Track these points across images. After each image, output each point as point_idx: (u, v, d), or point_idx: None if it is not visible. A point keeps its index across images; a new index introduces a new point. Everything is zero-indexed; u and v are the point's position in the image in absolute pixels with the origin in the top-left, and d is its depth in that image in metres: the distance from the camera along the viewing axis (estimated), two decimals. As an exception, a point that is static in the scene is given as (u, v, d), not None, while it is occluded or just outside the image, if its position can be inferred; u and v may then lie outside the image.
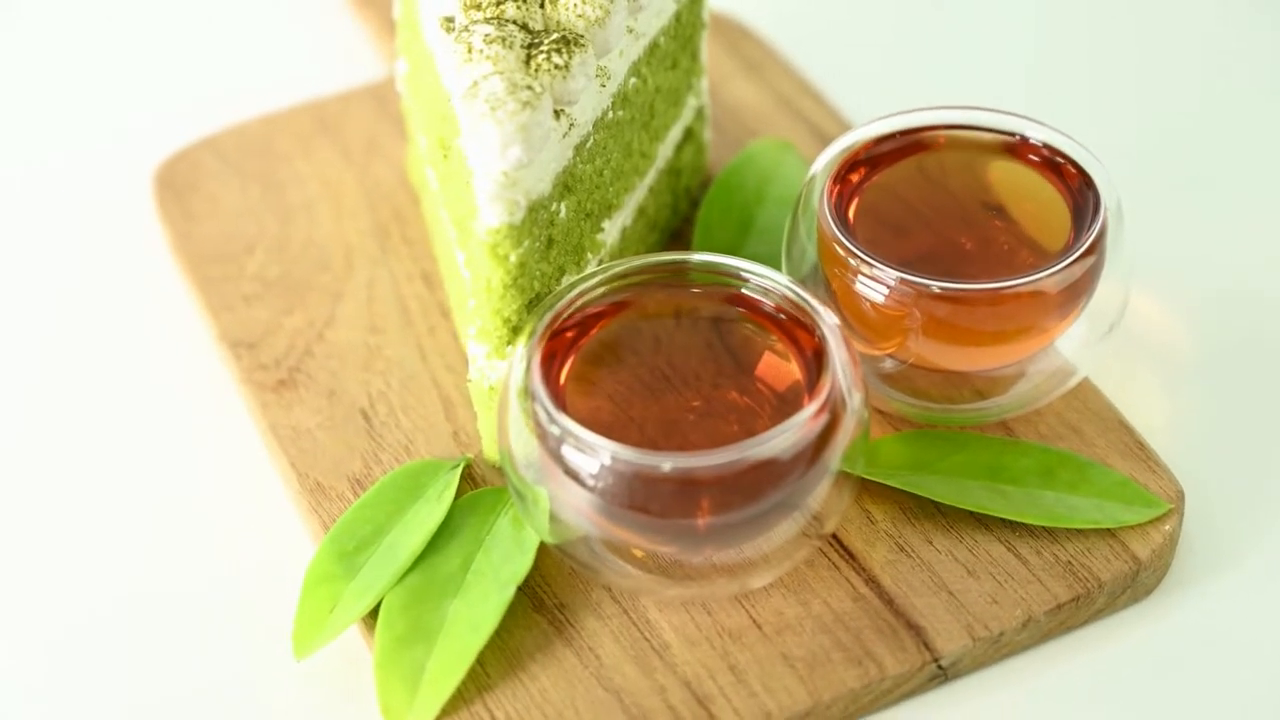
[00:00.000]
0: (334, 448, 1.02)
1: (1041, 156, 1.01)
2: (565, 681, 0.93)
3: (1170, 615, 0.98)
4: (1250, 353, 1.07)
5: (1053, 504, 0.98)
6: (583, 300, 0.95)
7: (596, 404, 0.94)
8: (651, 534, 0.93)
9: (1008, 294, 0.97)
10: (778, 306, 0.95)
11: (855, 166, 1.01)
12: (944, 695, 0.95)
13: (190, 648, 0.97)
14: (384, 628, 0.94)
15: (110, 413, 1.07)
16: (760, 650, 0.94)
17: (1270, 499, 1.01)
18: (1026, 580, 0.96)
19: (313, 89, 1.24)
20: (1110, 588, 0.96)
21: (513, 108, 0.91)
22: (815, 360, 0.92)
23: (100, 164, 1.21)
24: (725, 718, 0.92)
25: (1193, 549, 1.00)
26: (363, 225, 1.13)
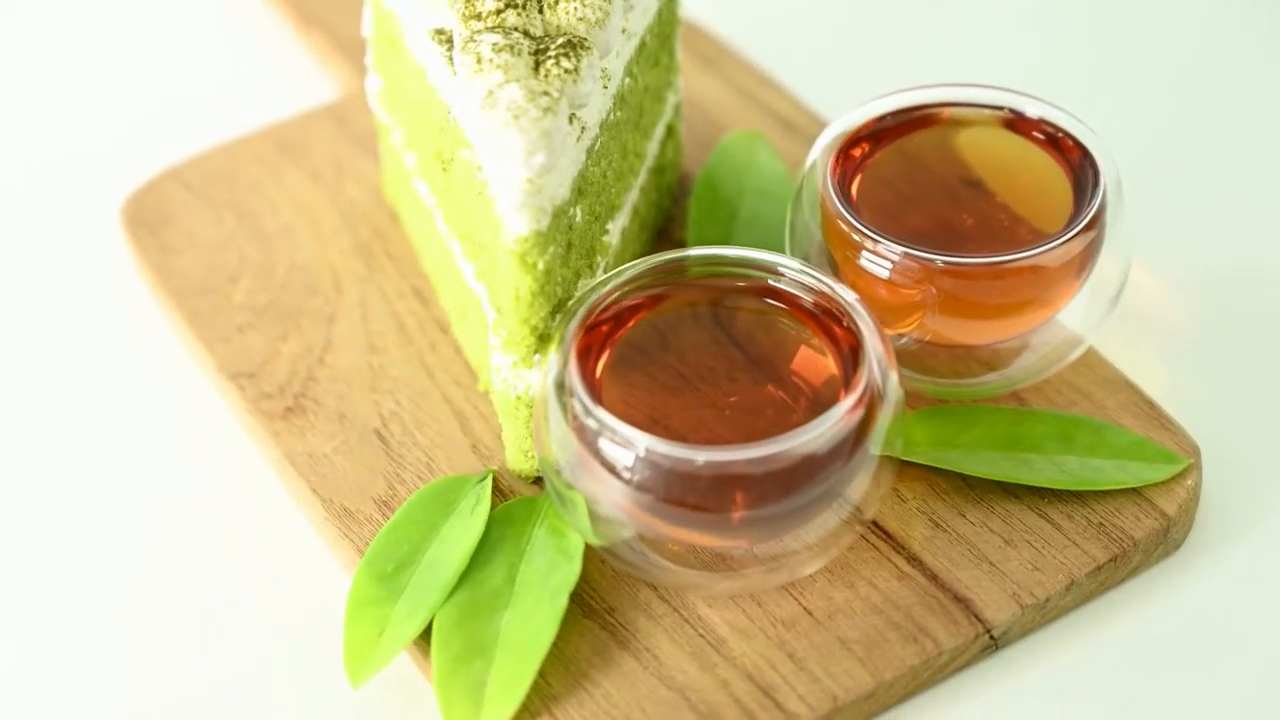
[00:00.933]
0: (354, 471, 1.01)
1: (1043, 133, 1.02)
2: (628, 684, 0.93)
3: (1201, 568, 0.99)
4: (1250, 321, 1.09)
5: (1078, 468, 0.99)
6: (617, 295, 0.95)
7: (633, 398, 0.94)
8: (692, 527, 0.93)
9: (1022, 266, 0.98)
10: (813, 300, 0.95)
11: (857, 143, 1.02)
12: (995, 665, 0.96)
13: (237, 691, 0.96)
14: (439, 647, 0.93)
15: (109, 458, 1.05)
16: (815, 636, 0.94)
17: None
18: (1063, 545, 0.97)
19: (264, 114, 1.22)
20: (1144, 545, 0.98)
21: (535, 114, 0.91)
22: (851, 354, 0.93)
23: (58, 207, 1.19)
24: (792, 705, 0.92)
25: (1212, 503, 1.02)
26: (344, 246, 1.12)
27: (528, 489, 1.00)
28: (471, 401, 1.04)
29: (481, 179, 0.95)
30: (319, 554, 1.01)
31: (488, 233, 0.97)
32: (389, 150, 1.12)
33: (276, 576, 1.00)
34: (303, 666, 0.96)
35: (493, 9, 0.95)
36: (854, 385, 0.91)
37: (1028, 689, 0.95)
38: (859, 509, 0.94)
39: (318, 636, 0.97)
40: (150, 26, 1.31)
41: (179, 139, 1.21)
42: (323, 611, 0.98)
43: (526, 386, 0.97)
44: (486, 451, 1.02)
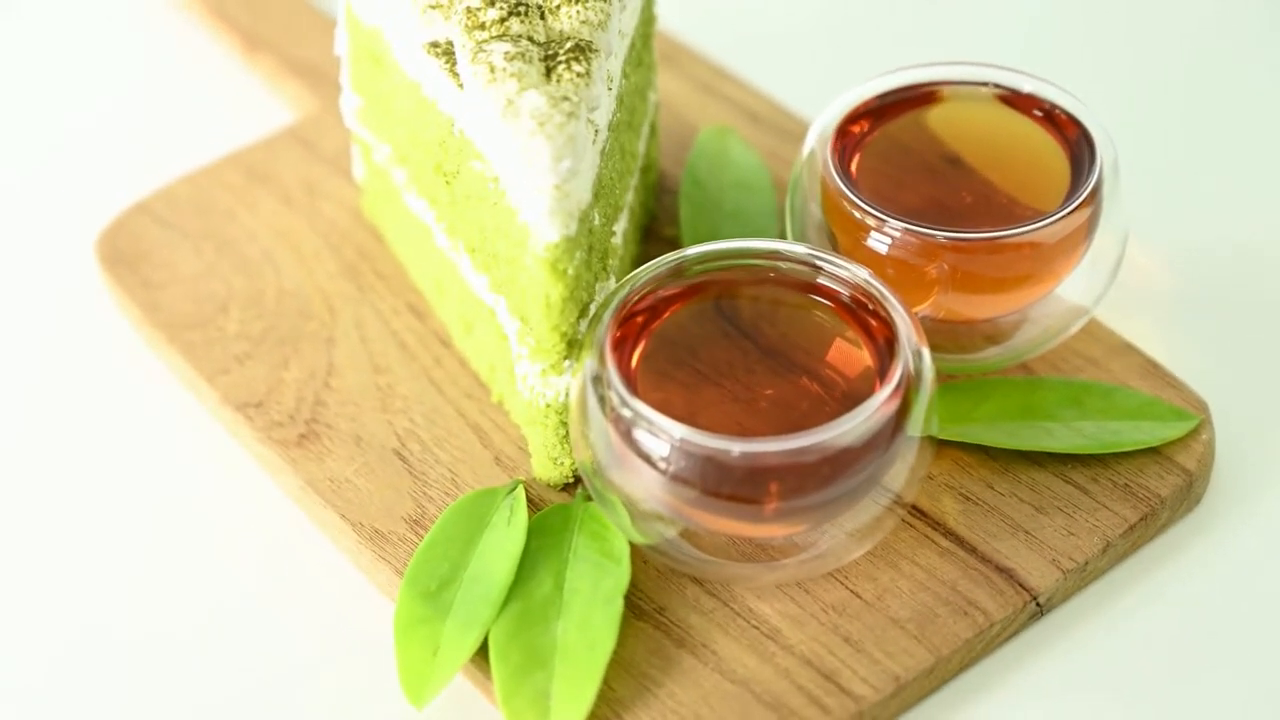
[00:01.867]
0: (379, 492, 1.00)
1: (1039, 109, 1.03)
2: (690, 682, 0.93)
3: (1222, 520, 1.01)
4: (1237, 285, 1.11)
5: (1096, 432, 1.01)
6: (651, 287, 0.95)
7: (668, 390, 0.94)
8: (730, 518, 0.93)
9: (1026, 241, 1.00)
10: (847, 292, 0.95)
11: (855, 122, 1.03)
12: (1040, 632, 0.97)
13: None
14: (499, 660, 0.93)
15: (112, 501, 1.03)
16: (868, 618, 0.95)
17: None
18: (1093, 508, 0.99)
19: (217, 143, 1.21)
20: (1170, 502, 1.00)
21: (559, 120, 0.91)
22: (887, 345, 0.93)
23: (23, 252, 1.16)
24: (856, 688, 0.92)
25: (1223, 458, 1.04)
26: (330, 268, 1.11)
27: (557, 496, 1.00)
28: (487, 414, 1.04)
29: (498, 189, 0.95)
30: (349, 578, 1.00)
31: (505, 243, 0.96)
32: (372, 168, 1.11)
33: (308, 606, 0.99)
34: (354, 692, 0.95)
35: (496, 18, 0.95)
36: (889, 376, 0.92)
37: (1074, 653, 0.96)
38: (900, 495, 0.95)
39: (363, 661, 0.96)
40: (87, 65, 1.29)
41: (136, 174, 1.19)
42: (364, 636, 0.97)
43: (556, 393, 0.97)
44: (510, 462, 1.02)
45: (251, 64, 1.25)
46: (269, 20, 1.26)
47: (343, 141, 1.17)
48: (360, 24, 1.06)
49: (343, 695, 0.95)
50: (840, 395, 0.94)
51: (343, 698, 0.95)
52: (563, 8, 0.96)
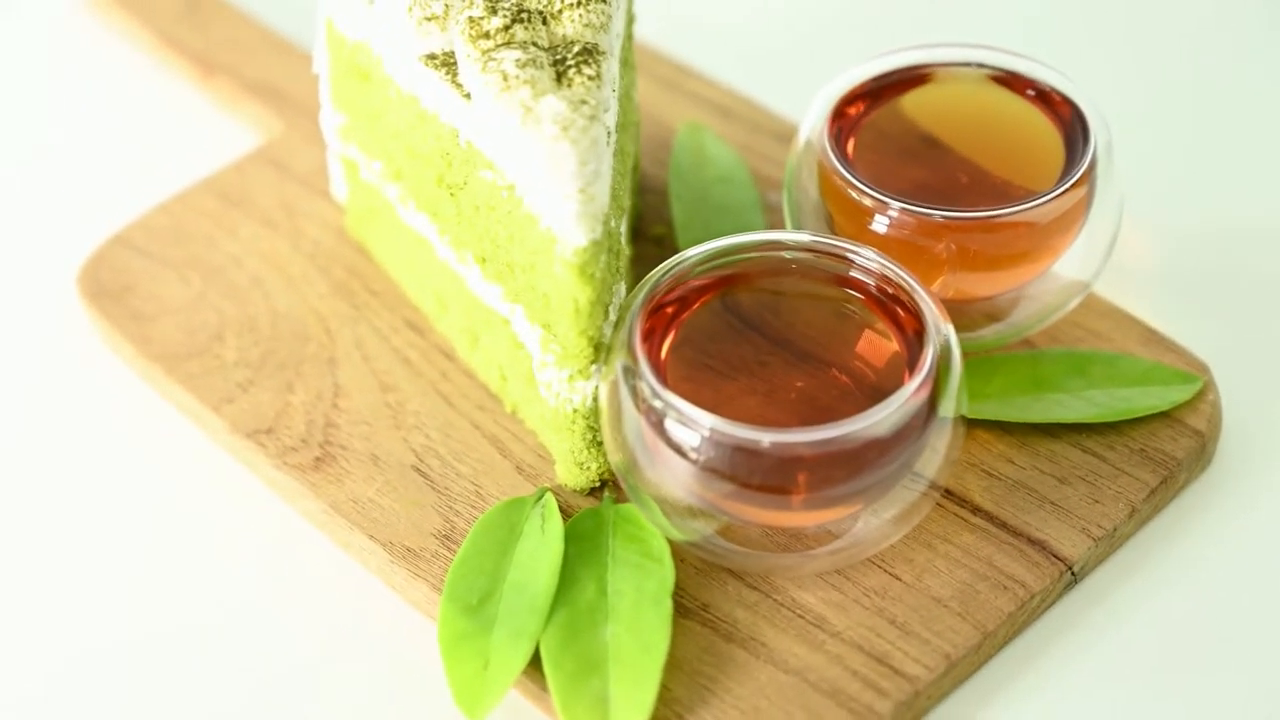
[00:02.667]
0: (405, 510, 1.00)
1: (1033, 89, 1.05)
2: (745, 676, 0.93)
3: (1235, 478, 1.03)
4: (1231, 263, 1.13)
5: (1106, 400, 1.02)
6: (680, 278, 0.95)
7: (698, 380, 0.94)
8: (767, 509, 0.93)
9: (1023, 221, 1.01)
10: (875, 283, 0.96)
11: (852, 103, 1.04)
12: (1074, 601, 0.98)
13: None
14: (553, 668, 0.92)
15: (124, 540, 1.02)
16: (910, 599, 0.96)
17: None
18: (1114, 475, 1.00)
19: (181, 169, 1.19)
20: (1186, 464, 1.01)
21: (582, 124, 0.91)
22: (916, 336, 0.94)
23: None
24: (909, 669, 0.93)
25: (1226, 416, 1.05)
26: (321, 289, 1.10)
27: (583, 502, 1.00)
28: (502, 424, 1.03)
29: (513, 197, 0.94)
30: (380, 599, 0.99)
31: (521, 252, 0.96)
32: (358, 186, 1.10)
33: (341, 631, 0.98)
34: (404, 713, 0.94)
35: (500, 26, 0.95)
36: (919, 365, 0.92)
37: (1110, 619, 0.97)
38: (935, 479, 0.95)
39: (409, 680, 0.96)
40: (35, 101, 1.26)
41: (103, 207, 1.17)
42: (405, 655, 0.97)
43: (583, 398, 0.96)
44: (531, 471, 1.01)
45: (207, 89, 1.23)
46: (221, 44, 1.24)
47: (315, 161, 1.16)
48: (344, 39, 1.05)
49: (393, 717, 0.94)
50: (871, 385, 0.95)
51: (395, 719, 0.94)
52: (564, 12, 0.96)
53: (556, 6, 0.96)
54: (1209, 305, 1.10)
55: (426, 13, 0.98)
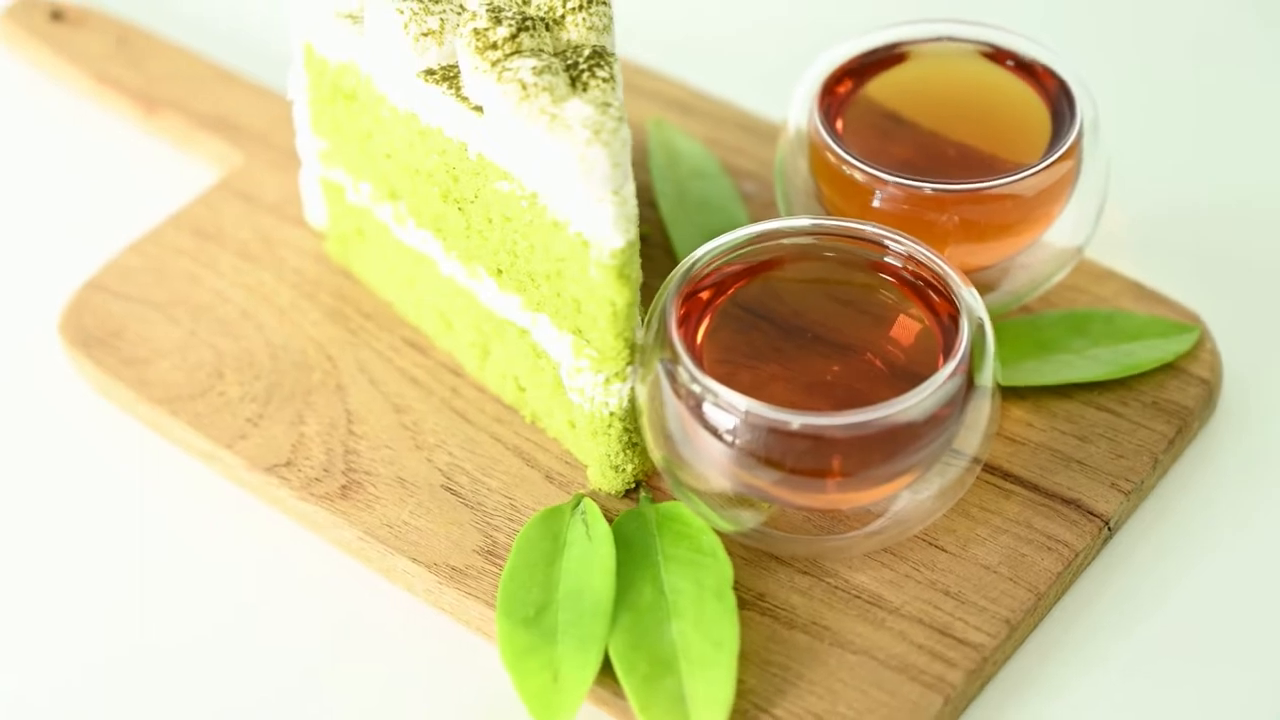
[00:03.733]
0: (442, 529, 0.99)
1: (1018, 63, 1.06)
2: (814, 661, 0.94)
3: (1239, 422, 1.06)
4: (1212, 216, 1.16)
5: (1111, 356, 1.04)
6: (715, 264, 0.96)
7: (733, 365, 0.94)
8: (811, 492, 0.94)
9: (1013, 191, 1.02)
10: (907, 267, 0.96)
11: (840, 80, 1.05)
12: (1110, 556, 1.00)
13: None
14: (626, 672, 0.92)
15: (155, 589, 1.00)
16: (960, 570, 0.97)
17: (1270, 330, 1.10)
18: (1132, 429, 1.02)
19: (139, 208, 1.17)
20: (1198, 412, 1.04)
21: (612, 126, 0.91)
22: (952, 321, 0.95)
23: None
24: (972, 637, 0.94)
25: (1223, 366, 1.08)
26: (314, 316, 1.09)
27: (618, 504, 1.00)
28: (522, 435, 1.03)
29: (536, 206, 0.94)
30: (427, 620, 0.98)
31: (545, 260, 0.95)
32: (342, 209, 1.09)
33: (390, 659, 0.97)
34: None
35: (506, 35, 0.94)
36: (955, 349, 0.93)
37: (1145, 569, 0.99)
38: (977, 453, 0.96)
39: (471, 700, 0.95)
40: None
41: (66, 254, 1.15)
42: (463, 676, 0.96)
43: (619, 401, 0.96)
44: (561, 479, 1.01)
45: (152, 126, 1.21)
46: (160, 79, 1.22)
47: (282, 189, 1.15)
48: (326, 62, 1.04)
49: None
50: (908, 368, 0.95)
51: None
52: (567, 17, 0.96)
53: (559, 12, 0.96)
54: (1189, 257, 1.13)
55: (423, 28, 0.97)
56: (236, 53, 1.26)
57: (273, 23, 1.27)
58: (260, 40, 1.27)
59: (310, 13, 1.03)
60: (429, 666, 0.96)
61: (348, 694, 0.95)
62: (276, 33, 1.26)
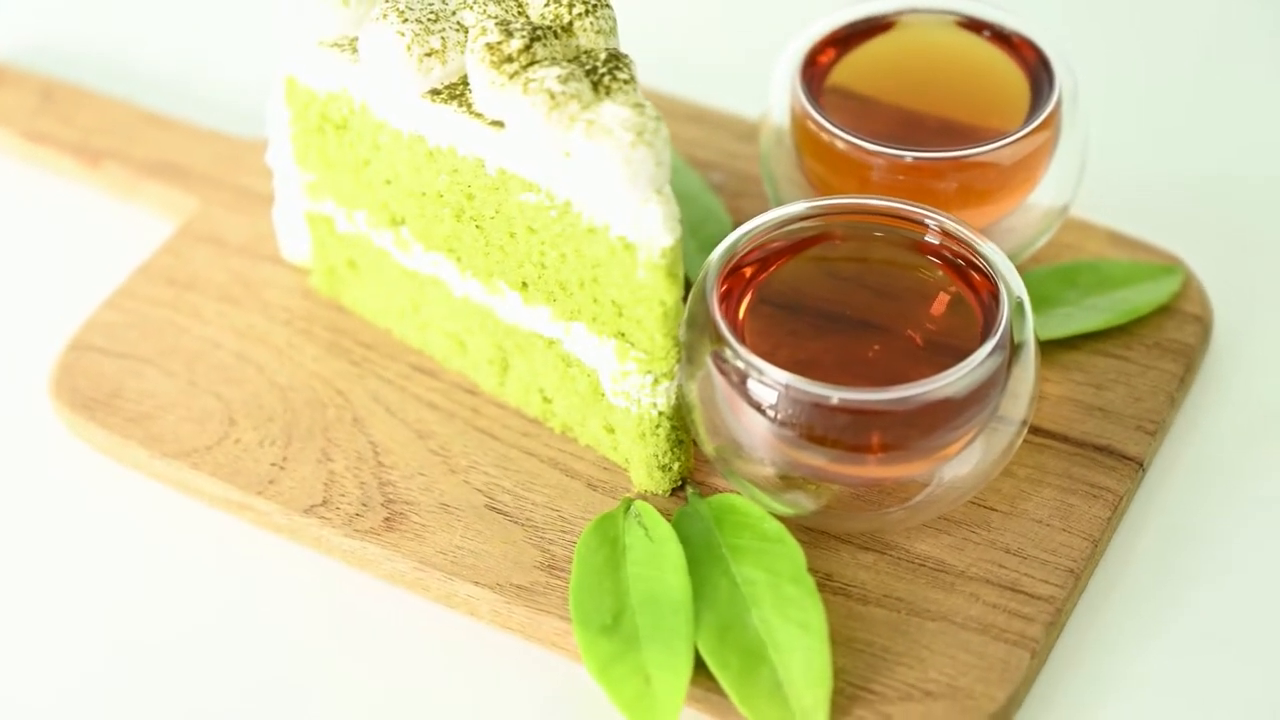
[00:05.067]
0: (498, 549, 0.98)
1: (994, 33, 1.08)
2: (896, 633, 0.95)
3: (1232, 354, 1.09)
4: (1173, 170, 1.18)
5: (1109, 304, 1.07)
6: (758, 241, 0.96)
7: (774, 341, 0.95)
8: (871, 467, 0.95)
9: (996, 160, 1.04)
10: (948, 247, 0.97)
11: (823, 51, 1.06)
12: (1142, 497, 1.03)
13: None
14: (720, 668, 0.93)
15: (227, 659, 0.98)
16: (1014, 526, 0.99)
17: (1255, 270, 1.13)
18: (1141, 372, 1.05)
19: (94, 265, 1.14)
20: (1199, 346, 1.07)
21: (653, 126, 0.91)
22: (992, 299, 0.96)
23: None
24: (1040, 590, 0.96)
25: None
26: (313, 352, 1.07)
27: (665, 504, 1.00)
28: (553, 446, 1.02)
29: (569, 214, 0.94)
30: (492, 643, 0.97)
31: (580, 267, 0.95)
32: (333, 241, 1.07)
33: (468, 685, 0.96)
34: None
35: (520, 47, 0.94)
36: (994, 328, 0.94)
37: (1176, 505, 1.02)
38: (1024, 419, 0.97)
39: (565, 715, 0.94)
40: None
41: (35, 318, 1.12)
42: (544, 693, 0.95)
43: (668, 400, 0.96)
44: (603, 485, 1.01)
45: (95, 179, 1.18)
46: (95, 131, 1.19)
47: (247, 228, 1.13)
48: (313, 93, 1.02)
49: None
50: (950, 344, 0.96)
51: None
52: (575, 23, 0.96)
53: (565, 19, 0.96)
54: (1158, 201, 1.16)
55: (425, 49, 0.96)
56: (165, 98, 1.23)
57: (196, 63, 1.25)
58: (187, 83, 1.25)
59: (292, 45, 1.01)
60: (508, 688, 0.96)
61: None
62: (202, 73, 1.24)
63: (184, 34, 1.30)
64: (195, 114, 1.22)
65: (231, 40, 1.29)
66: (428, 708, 0.95)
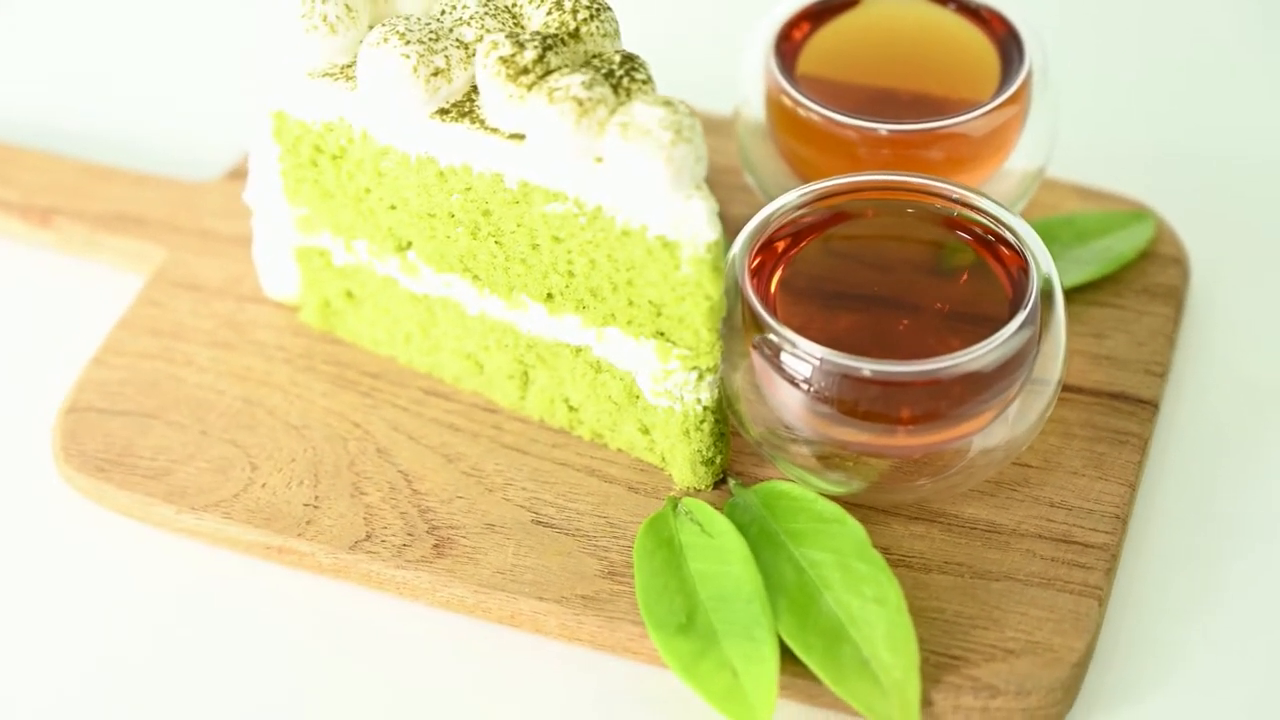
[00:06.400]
0: (555, 563, 0.98)
1: (961, 5, 1.10)
2: (965, 597, 0.96)
3: (1210, 293, 1.12)
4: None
5: (1091, 257, 1.09)
6: (791, 216, 0.97)
7: (806, 315, 0.96)
8: (921, 436, 0.96)
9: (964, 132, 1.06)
10: (978, 223, 0.98)
11: (798, 24, 1.07)
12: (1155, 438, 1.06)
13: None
14: (806, 653, 0.93)
15: (294, 708, 0.96)
16: (1053, 480, 1.00)
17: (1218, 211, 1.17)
18: (1137, 318, 1.08)
19: (57, 326, 1.12)
20: (1183, 286, 1.10)
21: (689, 122, 0.91)
22: (1021, 274, 0.97)
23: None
24: (1094, 539, 0.98)
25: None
26: (320, 388, 1.06)
27: (710, 497, 1.00)
28: (584, 454, 1.02)
29: (602, 218, 0.94)
30: (561, 655, 0.97)
31: (613, 271, 0.95)
32: (327, 274, 1.06)
33: (552, 702, 0.96)
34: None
35: (534, 58, 0.94)
36: (1024, 300, 0.95)
37: (1180, 441, 1.05)
38: (1060, 379, 0.99)
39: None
40: None
41: (15, 386, 1.09)
42: (620, 702, 0.95)
43: (712, 393, 0.97)
44: (644, 486, 1.01)
45: (48, 239, 1.15)
46: (41, 190, 1.16)
47: (221, 271, 1.11)
48: (305, 126, 1.00)
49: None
50: (980, 314, 0.97)
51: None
52: (581, 28, 0.96)
53: (571, 25, 0.95)
54: (1117, 149, 1.19)
55: (431, 69, 0.95)
56: (102, 151, 1.20)
57: (129, 115, 1.22)
58: (123, 135, 1.22)
59: (278, 80, 1.00)
60: (590, 701, 0.95)
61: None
62: (136, 124, 1.21)
63: (114, 86, 1.27)
64: (135, 164, 1.19)
65: (162, 88, 1.27)
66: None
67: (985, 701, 0.92)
